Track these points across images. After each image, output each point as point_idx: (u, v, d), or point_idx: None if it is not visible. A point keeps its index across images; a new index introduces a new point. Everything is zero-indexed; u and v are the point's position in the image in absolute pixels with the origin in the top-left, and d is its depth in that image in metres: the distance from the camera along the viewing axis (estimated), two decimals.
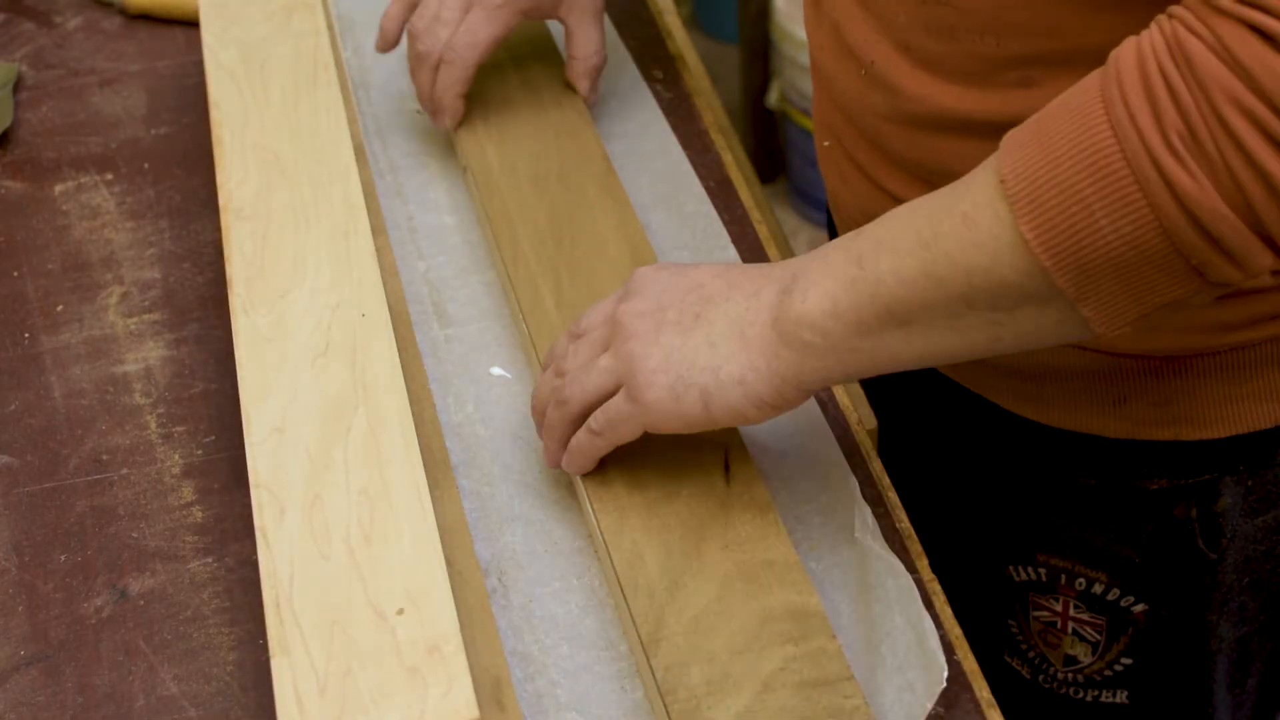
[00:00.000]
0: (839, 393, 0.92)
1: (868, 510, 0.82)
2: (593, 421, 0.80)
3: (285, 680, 0.70)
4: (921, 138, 0.82)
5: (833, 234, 1.07)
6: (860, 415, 0.91)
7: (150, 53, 1.21)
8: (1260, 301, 0.82)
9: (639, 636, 0.74)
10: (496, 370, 0.93)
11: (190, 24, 1.22)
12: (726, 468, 0.81)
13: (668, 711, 0.71)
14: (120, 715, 0.77)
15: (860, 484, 0.84)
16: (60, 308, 0.99)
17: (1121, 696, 0.98)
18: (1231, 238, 0.62)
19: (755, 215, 1.04)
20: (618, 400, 0.79)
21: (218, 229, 1.01)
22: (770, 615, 0.74)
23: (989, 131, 0.72)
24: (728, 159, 1.08)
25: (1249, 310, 0.82)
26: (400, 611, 0.73)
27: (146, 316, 0.98)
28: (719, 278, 0.79)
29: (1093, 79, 0.65)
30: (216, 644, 0.80)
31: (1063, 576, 0.94)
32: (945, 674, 0.75)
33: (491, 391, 0.92)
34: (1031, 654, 0.99)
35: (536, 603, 0.81)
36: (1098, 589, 0.93)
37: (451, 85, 1.03)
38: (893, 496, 0.86)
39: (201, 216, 1.05)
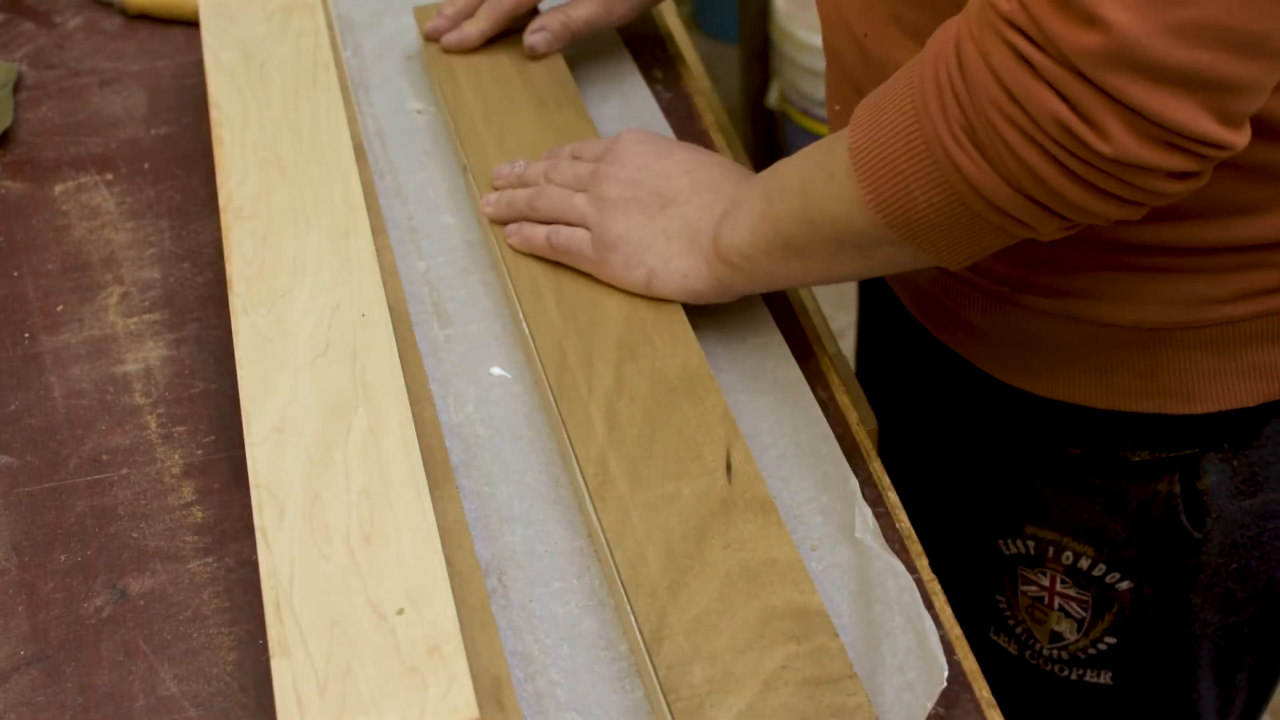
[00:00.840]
0: (839, 393, 0.92)
1: (868, 510, 0.82)
2: (555, 236, 0.92)
3: (285, 680, 0.70)
4: None
5: None
6: (860, 415, 0.91)
7: (150, 53, 1.21)
8: (1245, 277, 0.82)
9: (641, 636, 0.74)
10: (496, 370, 0.93)
11: (190, 24, 1.22)
12: (728, 467, 0.81)
13: (670, 710, 0.71)
14: (120, 715, 0.77)
15: (860, 484, 0.84)
16: (60, 308, 0.99)
17: (1105, 677, 0.98)
18: (1017, 209, 0.72)
19: None
20: (582, 239, 0.91)
21: (218, 229, 1.01)
22: (772, 614, 0.74)
23: None
24: (727, 159, 1.08)
25: (1233, 285, 0.82)
26: (400, 611, 0.73)
27: (146, 316, 0.98)
28: (688, 174, 0.91)
29: (917, 61, 0.74)
30: (216, 644, 0.80)
31: (1050, 549, 0.95)
32: (945, 674, 0.75)
33: (491, 391, 0.92)
34: (1019, 630, 1.00)
35: (536, 603, 0.80)
36: (1084, 564, 0.94)
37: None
38: (893, 496, 0.86)
39: (201, 216, 1.05)
